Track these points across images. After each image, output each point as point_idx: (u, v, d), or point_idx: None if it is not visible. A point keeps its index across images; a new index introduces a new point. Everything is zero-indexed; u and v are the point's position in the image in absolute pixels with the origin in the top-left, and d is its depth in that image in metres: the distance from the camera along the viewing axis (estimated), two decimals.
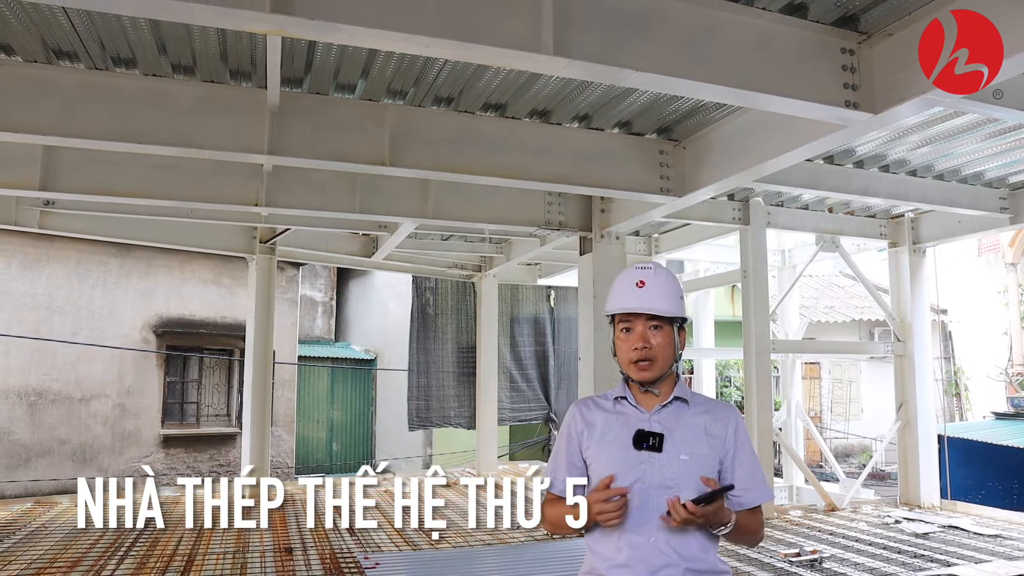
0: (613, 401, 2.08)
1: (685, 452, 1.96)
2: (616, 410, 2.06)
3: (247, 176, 6.01)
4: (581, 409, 2.12)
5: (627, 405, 2.05)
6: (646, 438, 1.95)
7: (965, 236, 7.75)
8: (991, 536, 6.33)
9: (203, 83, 4.48)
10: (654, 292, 2.01)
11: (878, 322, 16.79)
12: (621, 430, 2.00)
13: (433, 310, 10.56)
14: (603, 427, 2.05)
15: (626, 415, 2.04)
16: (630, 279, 2.04)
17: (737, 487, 2.01)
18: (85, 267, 11.82)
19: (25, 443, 11.23)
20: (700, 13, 3.44)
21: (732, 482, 2.01)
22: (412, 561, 5.57)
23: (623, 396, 2.06)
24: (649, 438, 1.95)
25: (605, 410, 2.08)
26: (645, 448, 1.95)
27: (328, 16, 2.82)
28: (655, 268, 2.07)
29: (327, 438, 16.64)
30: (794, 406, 9.43)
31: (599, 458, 2.02)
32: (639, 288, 2.01)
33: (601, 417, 2.07)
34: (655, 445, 1.94)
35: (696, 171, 5.36)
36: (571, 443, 2.09)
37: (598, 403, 2.11)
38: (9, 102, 4.20)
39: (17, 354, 11.23)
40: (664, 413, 2.02)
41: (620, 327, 2.04)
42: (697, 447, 1.98)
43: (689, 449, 1.97)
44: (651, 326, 2.00)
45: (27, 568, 5.17)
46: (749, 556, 5.66)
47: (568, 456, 2.09)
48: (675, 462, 1.94)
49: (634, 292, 2.02)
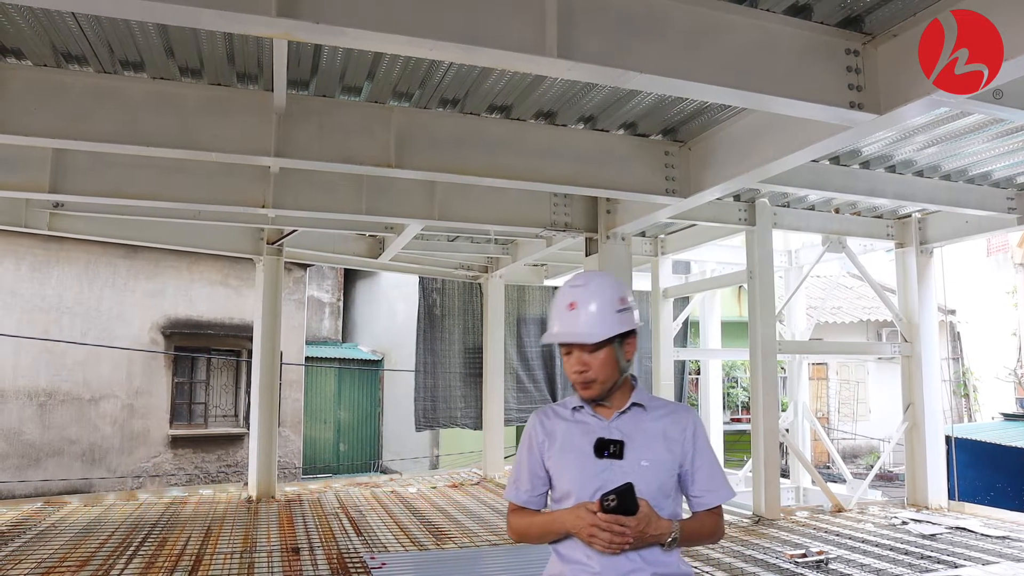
0: (572, 410, 2.06)
1: (646, 458, 1.96)
2: (575, 419, 2.05)
3: (254, 178, 6.05)
4: (541, 419, 2.11)
5: (586, 414, 2.04)
6: (607, 446, 1.95)
7: (972, 236, 7.71)
8: (999, 537, 6.30)
9: (210, 86, 4.52)
10: (585, 316, 1.94)
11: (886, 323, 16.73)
12: (582, 439, 2.00)
13: (440, 311, 10.58)
14: (564, 437, 2.04)
15: (586, 423, 2.03)
16: (562, 302, 1.98)
17: (698, 488, 2.04)
18: (94, 269, 11.90)
19: (35, 443, 11.31)
20: (704, 15, 3.45)
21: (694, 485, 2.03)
22: (418, 561, 5.59)
23: (581, 405, 2.05)
24: (610, 446, 1.95)
25: (564, 419, 2.07)
26: (606, 456, 1.94)
27: (334, 20, 2.84)
28: (586, 285, 1.98)
29: (334, 439, 16.70)
30: (801, 407, 9.42)
31: (562, 468, 2.02)
32: (570, 312, 1.96)
33: (561, 426, 2.06)
34: (616, 452, 1.94)
35: (701, 172, 5.36)
36: (532, 453, 2.09)
37: (557, 412, 2.10)
38: (19, 105, 4.24)
39: (27, 355, 11.32)
40: (623, 420, 2.02)
41: (562, 348, 2.02)
42: (657, 452, 1.98)
43: (649, 455, 1.97)
44: (587, 349, 1.96)
45: (37, 567, 5.21)
46: (755, 557, 5.65)
47: (530, 467, 2.09)
48: (636, 468, 1.94)
49: (564, 317, 1.97)
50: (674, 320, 9.97)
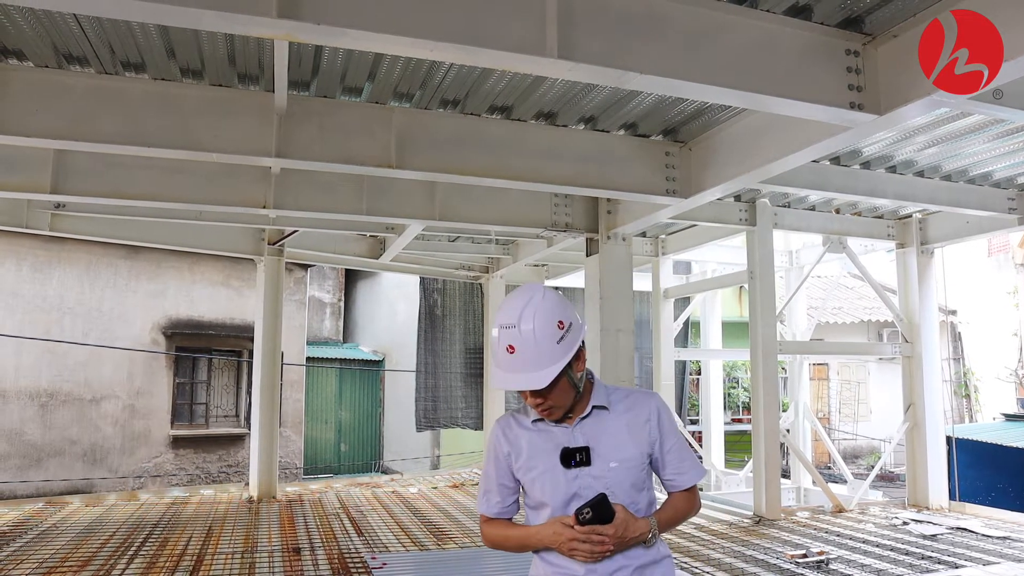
0: (533, 422, 2.04)
1: (614, 459, 1.95)
2: (538, 428, 2.03)
3: (255, 178, 6.06)
4: (504, 429, 2.09)
5: (548, 424, 2.02)
6: (573, 455, 1.94)
7: (973, 237, 7.71)
8: (1000, 538, 6.30)
9: (211, 87, 4.52)
10: (525, 359, 1.86)
11: (887, 323, 16.73)
12: (547, 446, 1.98)
13: (441, 311, 10.60)
14: (529, 448, 2.02)
15: (550, 432, 2.01)
16: (500, 343, 1.89)
17: (669, 471, 2.06)
18: (95, 269, 11.92)
19: (36, 444, 11.32)
20: (704, 15, 3.45)
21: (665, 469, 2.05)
22: (419, 561, 5.60)
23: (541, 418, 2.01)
24: (576, 454, 1.93)
25: (527, 428, 2.04)
26: (574, 465, 1.94)
27: (334, 21, 2.85)
28: (518, 325, 1.86)
29: (335, 439, 16.71)
30: (802, 407, 9.41)
31: (532, 479, 2.00)
32: (510, 355, 1.87)
33: (525, 436, 2.04)
34: (583, 460, 1.93)
35: (702, 172, 5.37)
36: (499, 464, 2.07)
37: (519, 421, 2.07)
38: (20, 106, 4.25)
39: (29, 355, 11.34)
40: (585, 424, 2.00)
41: None
42: (625, 450, 1.97)
43: (617, 455, 1.96)
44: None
45: (38, 567, 5.22)
46: (755, 557, 5.66)
47: (498, 478, 2.07)
48: (606, 471, 1.94)
49: (507, 362, 1.88)
50: (675, 320, 9.98)
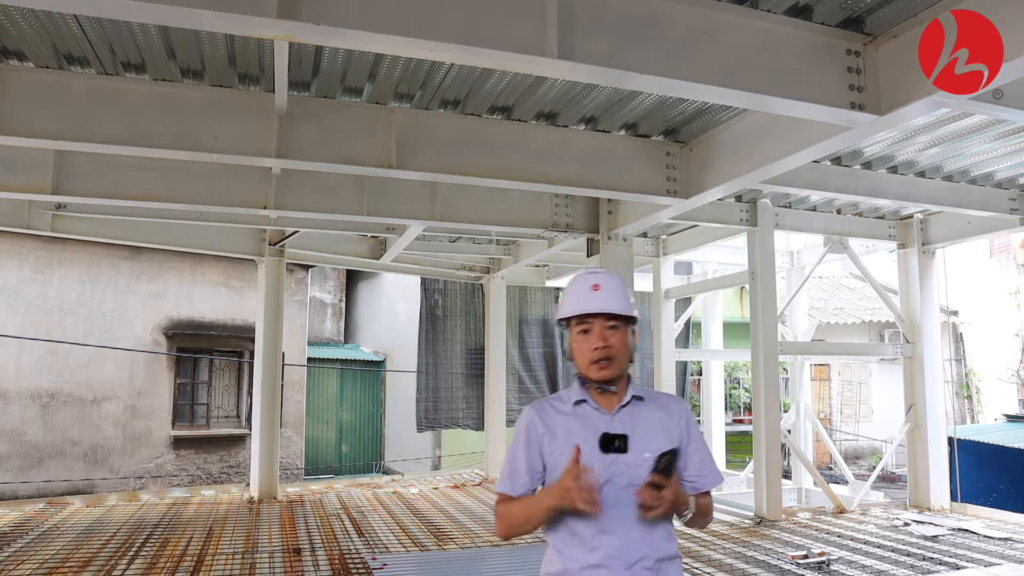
0: (572, 404, 2.08)
1: (648, 450, 1.98)
2: (576, 413, 2.07)
3: (256, 179, 6.06)
4: (539, 412, 2.11)
5: (587, 408, 2.06)
6: (612, 440, 1.97)
7: (975, 237, 7.70)
8: (1001, 539, 6.29)
9: (212, 87, 4.53)
10: (609, 294, 2.05)
11: (888, 323, 16.70)
12: (584, 432, 2.01)
13: (442, 312, 10.59)
14: (565, 432, 2.04)
15: (587, 417, 2.05)
16: (586, 283, 2.08)
17: (692, 472, 2.10)
18: (97, 270, 11.93)
19: (38, 444, 11.33)
20: (705, 16, 3.45)
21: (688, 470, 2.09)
22: (419, 562, 5.59)
23: (583, 399, 2.07)
24: (615, 440, 1.97)
25: (564, 413, 2.08)
26: (612, 450, 1.96)
27: (334, 21, 2.85)
28: (607, 273, 2.13)
29: (336, 439, 16.71)
30: (803, 408, 9.40)
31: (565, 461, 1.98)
32: (594, 291, 2.05)
33: (561, 421, 2.07)
34: (621, 447, 1.96)
35: (703, 173, 5.37)
36: (531, 447, 2.08)
37: (555, 406, 2.11)
38: (21, 107, 4.26)
39: (30, 356, 11.35)
40: (624, 413, 2.06)
41: (577, 330, 2.06)
42: (658, 443, 2.00)
43: (651, 446, 1.99)
44: (608, 326, 2.03)
45: (39, 568, 5.22)
46: (756, 558, 5.65)
47: (528, 460, 2.07)
48: (641, 460, 1.96)
49: (591, 295, 2.06)
50: (676, 321, 9.96)
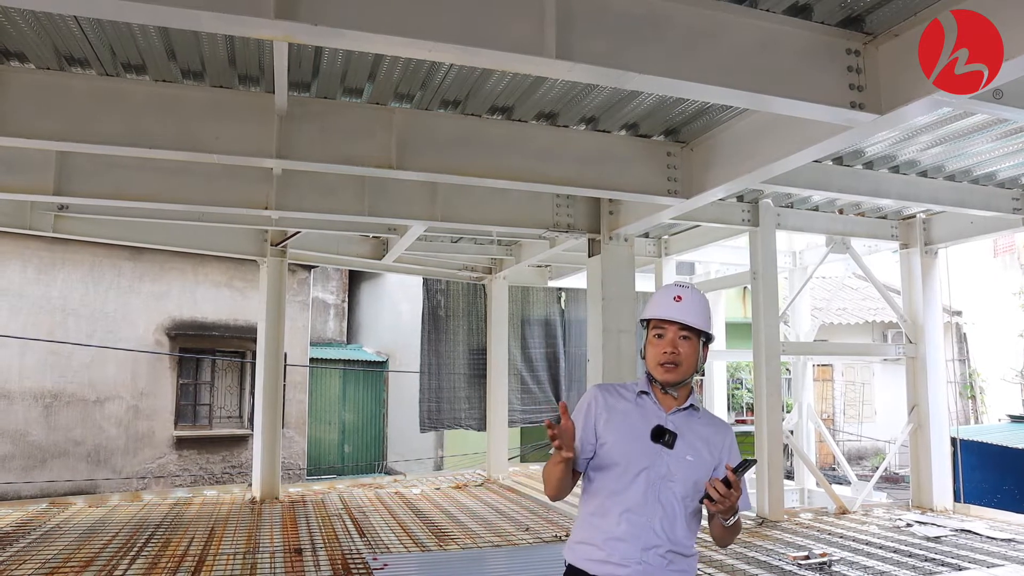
0: (636, 394, 2.29)
1: (691, 454, 2.18)
2: (637, 402, 2.28)
3: (257, 180, 6.07)
4: (604, 393, 2.32)
5: (648, 401, 2.27)
6: (663, 433, 2.15)
7: (978, 237, 7.68)
8: (1005, 540, 6.27)
9: (212, 88, 4.53)
10: (688, 307, 2.23)
11: (891, 324, 16.67)
12: (640, 420, 2.22)
13: (444, 312, 10.59)
14: (624, 414, 2.25)
15: (645, 409, 2.25)
16: (670, 293, 2.28)
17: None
18: (99, 270, 11.95)
19: (41, 444, 11.35)
20: (704, 15, 3.44)
21: None
22: (421, 562, 5.59)
23: (646, 391, 2.28)
24: (666, 434, 2.15)
25: (627, 399, 2.30)
26: (660, 442, 2.15)
27: (332, 22, 2.85)
28: (692, 288, 2.31)
29: (339, 440, 16.72)
30: (805, 408, 9.38)
31: (616, 439, 2.21)
32: (676, 302, 2.24)
33: (623, 405, 2.28)
34: (669, 442, 2.15)
35: (704, 173, 5.35)
36: (588, 420, 2.27)
37: (620, 392, 2.32)
38: (23, 108, 4.26)
39: (33, 357, 11.37)
40: (679, 416, 2.24)
41: (653, 332, 2.26)
42: (700, 452, 2.20)
43: (694, 452, 2.19)
44: (681, 335, 2.21)
45: (41, 567, 5.23)
46: (758, 559, 5.64)
47: (582, 431, 2.25)
48: (681, 461, 2.16)
49: (671, 304, 2.24)
50: None
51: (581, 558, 2.17)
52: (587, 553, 2.15)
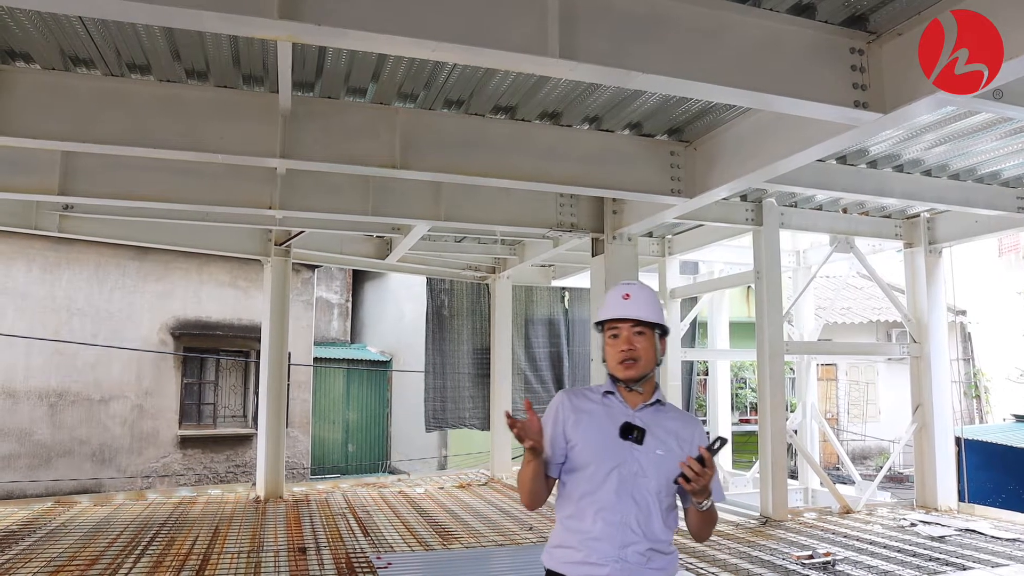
0: (602, 395, 2.31)
1: (661, 448, 2.20)
2: (604, 403, 2.30)
3: (261, 180, 6.08)
4: (571, 397, 2.35)
5: (614, 400, 2.29)
6: (631, 430, 2.16)
7: (982, 236, 7.66)
8: (1009, 540, 6.26)
9: (216, 88, 4.55)
10: (638, 304, 2.27)
11: (896, 323, 16.62)
12: (607, 419, 2.24)
13: (448, 312, 10.60)
14: (591, 414, 2.28)
15: (612, 408, 2.28)
16: (618, 293, 2.32)
17: None
18: (104, 270, 11.98)
19: (46, 443, 11.39)
20: (707, 15, 3.44)
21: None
22: (424, 561, 5.60)
23: (611, 391, 2.30)
24: (634, 430, 2.16)
25: (594, 401, 2.32)
26: (629, 439, 2.16)
27: (335, 22, 2.86)
28: (639, 285, 2.36)
29: (343, 439, 16.74)
30: (809, 408, 9.37)
31: (586, 441, 2.24)
32: (625, 300, 2.29)
33: (589, 406, 2.31)
34: (638, 438, 2.16)
35: (707, 172, 5.35)
36: (556, 425, 2.30)
37: (587, 395, 2.35)
38: (28, 109, 4.28)
39: (38, 356, 11.41)
40: (646, 412, 2.27)
41: (609, 334, 2.29)
42: (670, 446, 2.22)
43: (664, 446, 2.21)
44: (635, 332, 2.24)
45: (46, 566, 5.25)
46: (761, 558, 5.63)
47: (552, 436, 2.28)
48: (651, 455, 2.19)
49: (621, 303, 2.29)
50: (682, 321, 9.94)
51: (560, 562, 2.18)
52: (565, 556, 2.17)
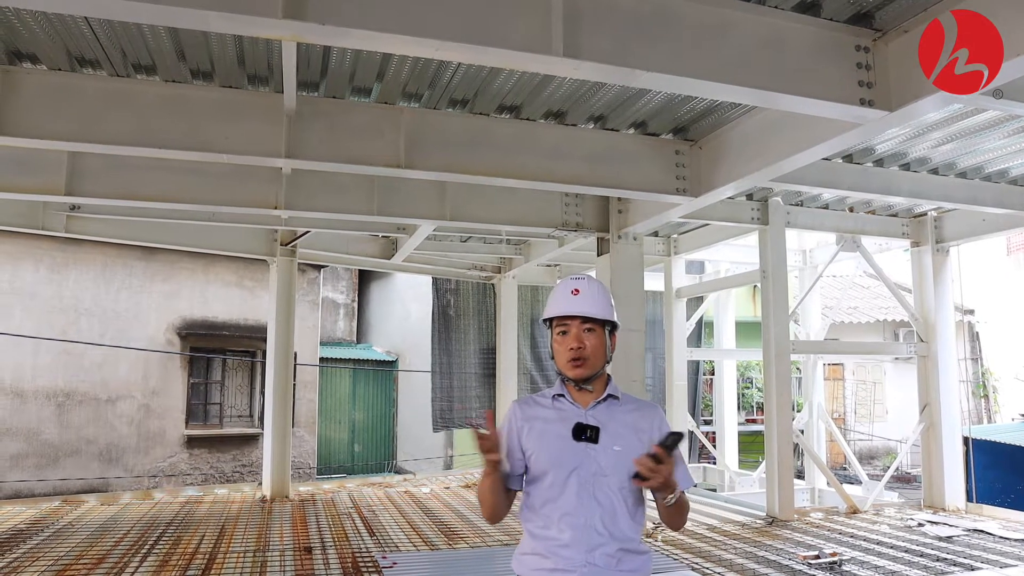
0: (552, 399, 2.26)
1: (618, 444, 2.14)
2: (554, 406, 2.24)
3: (267, 180, 6.10)
4: (521, 406, 2.30)
5: (565, 402, 2.23)
6: (584, 430, 2.11)
7: (990, 235, 7.62)
8: (1018, 540, 6.22)
9: (221, 88, 4.55)
10: (587, 299, 2.21)
11: (903, 323, 16.55)
12: (560, 423, 2.18)
13: (454, 311, 10.61)
14: (543, 421, 2.22)
15: (564, 410, 2.22)
16: (567, 288, 2.26)
17: None
18: (111, 270, 12.03)
19: (53, 443, 11.44)
20: (712, 13, 3.43)
21: None
22: (430, 561, 5.60)
23: (561, 394, 2.24)
24: (587, 430, 2.11)
25: (544, 406, 2.27)
26: (583, 439, 2.11)
27: (339, 21, 2.86)
28: (588, 279, 2.29)
29: (349, 439, 16.76)
30: (816, 407, 9.34)
31: (540, 448, 2.19)
32: (574, 296, 2.22)
33: (541, 413, 2.25)
34: (592, 437, 2.11)
35: (713, 171, 5.34)
36: (511, 437, 2.24)
37: (537, 401, 2.30)
38: (34, 109, 4.30)
39: (46, 356, 11.46)
40: (599, 409, 2.21)
41: (557, 331, 2.23)
42: (628, 440, 2.15)
43: (621, 441, 2.15)
44: (585, 329, 2.19)
45: (54, 564, 5.27)
46: (767, 558, 5.62)
47: (509, 448, 2.24)
48: (609, 452, 2.13)
49: (570, 299, 2.22)
50: (688, 320, 9.93)
51: (529, 569, 2.16)
52: (534, 563, 2.15)
